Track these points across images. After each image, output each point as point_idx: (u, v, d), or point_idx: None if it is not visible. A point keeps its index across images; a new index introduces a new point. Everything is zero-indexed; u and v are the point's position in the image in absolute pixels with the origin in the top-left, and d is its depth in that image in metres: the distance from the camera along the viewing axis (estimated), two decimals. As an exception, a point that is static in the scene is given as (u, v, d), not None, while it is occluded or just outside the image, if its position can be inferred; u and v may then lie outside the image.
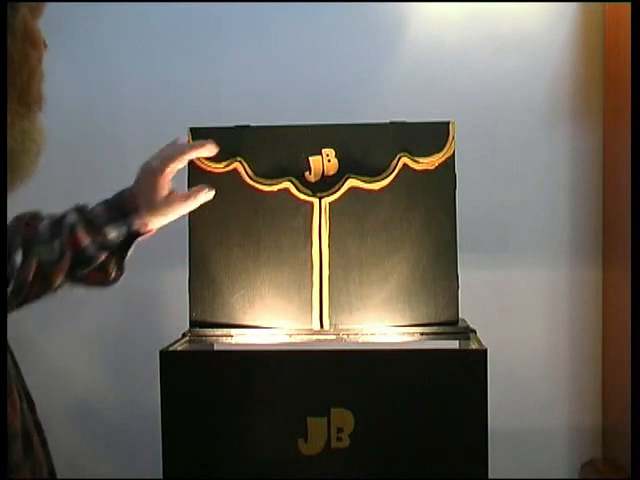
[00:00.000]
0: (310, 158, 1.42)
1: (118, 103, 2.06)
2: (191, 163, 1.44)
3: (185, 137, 1.39)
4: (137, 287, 2.05)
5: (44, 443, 0.94)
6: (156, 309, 2.08)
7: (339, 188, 1.41)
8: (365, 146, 1.43)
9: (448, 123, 1.43)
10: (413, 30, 2.03)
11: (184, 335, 1.42)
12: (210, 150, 1.34)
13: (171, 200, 1.24)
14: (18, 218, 1.15)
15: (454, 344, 1.41)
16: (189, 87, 2.05)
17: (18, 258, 1.06)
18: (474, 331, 1.41)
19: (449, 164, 1.42)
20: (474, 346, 1.32)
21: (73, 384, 2.11)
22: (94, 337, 2.12)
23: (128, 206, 1.20)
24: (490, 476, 1.27)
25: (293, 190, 1.42)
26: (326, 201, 1.40)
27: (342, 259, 1.40)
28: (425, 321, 1.41)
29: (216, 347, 1.45)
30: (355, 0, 2.01)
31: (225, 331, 1.43)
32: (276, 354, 1.31)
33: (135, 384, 2.06)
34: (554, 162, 2.04)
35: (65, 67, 1.95)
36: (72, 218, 1.16)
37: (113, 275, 1.24)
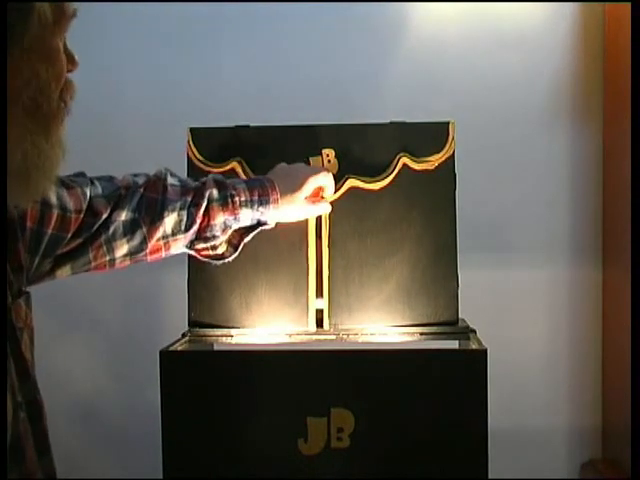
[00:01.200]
0: (310, 158, 1.42)
1: (118, 103, 2.06)
2: (190, 162, 1.44)
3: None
4: (137, 287, 2.05)
5: (43, 452, 0.93)
6: (156, 309, 2.08)
7: (339, 188, 1.41)
8: (365, 146, 1.43)
9: (448, 123, 1.43)
10: (413, 30, 2.03)
11: (184, 335, 1.42)
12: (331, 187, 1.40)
13: (303, 206, 1.34)
14: (137, 184, 1.20)
15: (454, 344, 1.41)
16: (189, 87, 2.05)
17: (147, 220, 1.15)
18: (474, 331, 1.41)
19: (449, 164, 1.42)
20: (474, 346, 1.32)
21: (73, 384, 2.11)
22: (94, 337, 2.12)
23: (269, 196, 1.27)
24: (490, 476, 1.27)
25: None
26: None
27: (342, 259, 1.40)
28: (425, 321, 1.41)
29: (216, 347, 1.45)
30: (356, 0, 2.01)
31: (225, 331, 1.43)
32: (276, 354, 1.31)
33: (135, 384, 2.06)
34: (554, 162, 2.04)
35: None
36: (211, 191, 1.23)
37: (226, 254, 1.29)
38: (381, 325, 1.40)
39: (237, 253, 1.30)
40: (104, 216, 1.13)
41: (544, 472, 2.05)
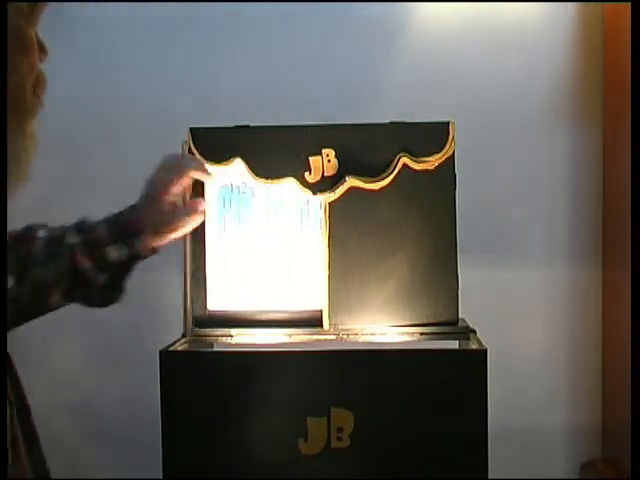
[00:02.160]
0: (310, 158, 1.42)
1: (118, 103, 2.06)
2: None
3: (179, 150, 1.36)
4: (137, 287, 2.05)
5: (33, 449, 0.93)
6: (156, 309, 2.08)
7: (339, 188, 1.41)
8: (365, 146, 1.43)
9: (448, 123, 1.43)
10: (413, 30, 2.03)
11: (184, 335, 1.42)
12: (209, 175, 1.29)
13: (175, 219, 1.19)
14: (10, 235, 1.09)
15: (454, 344, 1.41)
16: (189, 87, 2.05)
17: (10, 280, 1.02)
18: (474, 331, 1.41)
19: (449, 164, 1.41)
20: (474, 346, 1.32)
21: (73, 384, 2.11)
22: (94, 337, 2.12)
23: (131, 227, 1.14)
24: (490, 476, 1.27)
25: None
26: (325, 201, 1.40)
27: (342, 259, 1.40)
28: (425, 321, 1.40)
29: (216, 347, 1.45)
30: (355, 0, 2.01)
31: (225, 331, 1.43)
32: (276, 354, 1.31)
33: (135, 384, 2.06)
34: (554, 161, 2.04)
35: (65, 68, 1.95)
36: (72, 238, 1.11)
37: (114, 295, 1.18)
38: (381, 325, 1.40)
39: (123, 291, 1.18)
40: None
41: (544, 472, 2.06)
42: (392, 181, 1.41)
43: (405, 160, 1.40)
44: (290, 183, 1.42)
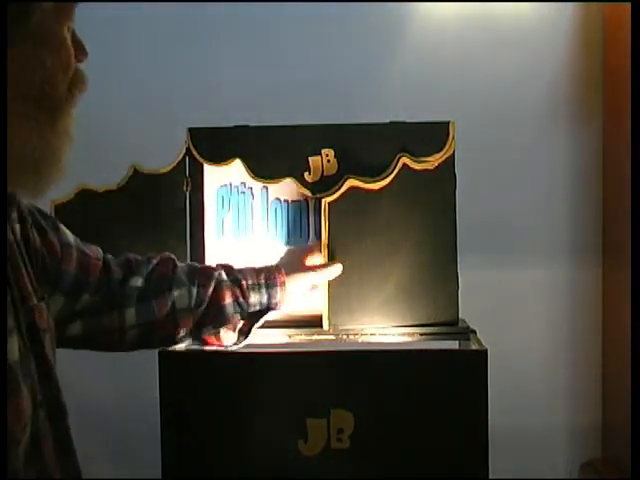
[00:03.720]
0: (310, 158, 1.42)
1: (117, 103, 2.06)
2: (191, 156, 1.44)
3: None
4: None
5: (63, 453, 0.93)
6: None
7: (338, 188, 1.41)
8: (365, 146, 1.43)
9: (448, 123, 1.43)
10: (412, 30, 2.02)
11: (184, 335, 1.42)
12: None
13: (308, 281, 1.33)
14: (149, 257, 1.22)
15: (454, 344, 1.40)
16: (189, 87, 2.04)
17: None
18: (474, 331, 1.41)
19: (449, 164, 1.41)
20: (474, 346, 1.32)
21: (73, 384, 2.11)
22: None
23: (276, 280, 1.27)
24: (490, 476, 1.27)
25: (293, 190, 1.42)
26: (325, 201, 1.39)
27: (341, 260, 1.40)
28: (425, 322, 1.40)
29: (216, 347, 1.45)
30: (355, 0, 2.01)
31: (225, 331, 1.43)
32: (276, 354, 1.31)
33: (135, 384, 2.06)
34: (554, 162, 2.04)
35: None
36: (220, 272, 1.24)
37: (237, 342, 1.28)
38: (381, 325, 1.40)
39: (247, 339, 1.29)
40: (118, 276, 1.14)
41: (544, 472, 2.05)
42: (392, 181, 1.41)
43: (405, 160, 1.40)
44: (290, 183, 1.42)
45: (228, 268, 1.27)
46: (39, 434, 0.86)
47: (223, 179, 1.46)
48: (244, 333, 1.28)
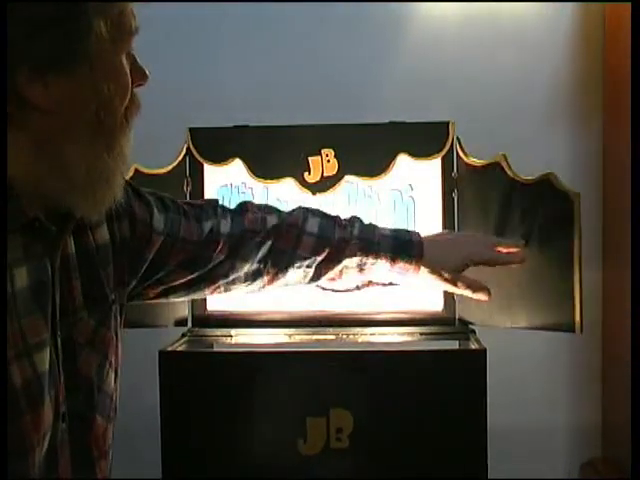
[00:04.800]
0: (309, 158, 1.42)
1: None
2: (191, 156, 1.44)
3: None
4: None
5: (80, 466, 0.93)
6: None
7: (338, 188, 1.41)
8: (365, 146, 1.43)
9: (448, 123, 1.43)
10: (413, 30, 2.02)
11: (184, 335, 1.42)
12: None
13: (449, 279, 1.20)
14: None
15: (454, 344, 1.41)
16: (189, 87, 2.04)
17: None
18: (474, 331, 1.41)
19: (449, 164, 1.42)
20: (474, 346, 1.32)
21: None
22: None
23: (410, 267, 1.17)
24: (490, 476, 1.27)
25: (293, 190, 1.42)
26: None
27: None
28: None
29: (216, 347, 1.45)
30: (355, 0, 2.01)
31: (225, 331, 1.43)
32: (276, 354, 1.31)
33: (135, 384, 2.06)
34: (554, 161, 2.03)
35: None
36: (352, 258, 1.16)
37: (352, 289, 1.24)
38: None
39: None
40: (221, 257, 1.13)
41: (544, 472, 2.05)
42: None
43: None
44: (290, 183, 1.42)
45: (365, 248, 1.16)
46: (57, 446, 0.87)
47: (223, 179, 1.46)
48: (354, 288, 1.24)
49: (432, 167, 1.43)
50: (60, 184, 0.82)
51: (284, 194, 1.44)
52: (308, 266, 1.16)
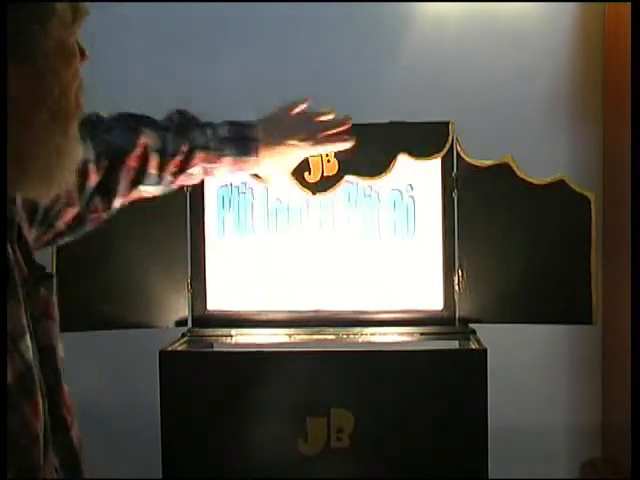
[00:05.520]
0: (310, 158, 1.42)
1: (118, 102, 2.06)
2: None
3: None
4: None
5: (64, 435, 0.94)
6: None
7: (338, 188, 1.41)
8: (365, 146, 1.43)
9: (448, 123, 1.43)
10: (413, 30, 2.02)
11: (184, 335, 1.42)
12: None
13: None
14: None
15: (454, 344, 1.41)
16: (190, 87, 2.04)
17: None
18: (474, 331, 1.41)
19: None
20: (474, 346, 1.32)
21: (73, 384, 2.11)
22: (94, 336, 2.12)
23: (250, 161, 1.24)
24: (490, 476, 1.27)
25: (293, 190, 1.43)
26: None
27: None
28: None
29: (216, 347, 1.45)
30: (356, 0, 2.01)
31: (225, 331, 1.43)
32: (276, 354, 1.31)
33: (135, 384, 2.06)
34: (554, 161, 2.04)
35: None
36: (195, 168, 1.22)
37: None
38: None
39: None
40: (92, 186, 1.12)
41: (544, 472, 2.05)
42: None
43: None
44: (290, 183, 1.42)
45: (207, 155, 1.23)
46: (46, 425, 0.87)
47: (224, 179, 1.46)
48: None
49: (432, 167, 1.43)
50: (16, 171, 0.81)
51: (284, 194, 1.44)
52: (158, 182, 1.19)
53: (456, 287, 1.40)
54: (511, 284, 1.40)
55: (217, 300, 1.44)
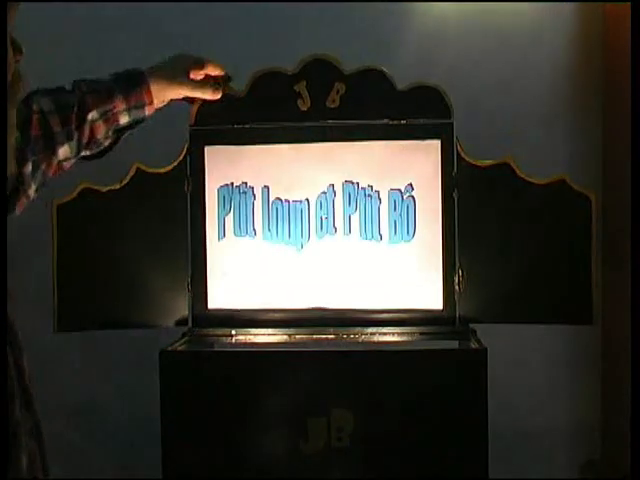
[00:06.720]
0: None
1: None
2: (192, 155, 1.44)
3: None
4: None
5: (29, 409, 0.94)
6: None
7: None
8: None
9: (447, 123, 1.43)
10: (413, 29, 2.02)
11: (184, 335, 1.42)
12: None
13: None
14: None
15: (454, 344, 1.41)
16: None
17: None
18: (474, 331, 1.41)
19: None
20: (474, 346, 1.33)
21: (73, 384, 2.11)
22: (94, 336, 2.12)
23: (145, 99, 1.34)
24: (490, 476, 1.27)
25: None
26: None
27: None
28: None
29: (216, 347, 1.45)
30: (356, 0, 2.01)
31: (225, 331, 1.43)
32: (276, 354, 1.31)
33: (135, 384, 2.06)
34: (554, 161, 2.04)
35: (65, 66, 1.95)
36: (92, 113, 1.28)
37: (107, 148, 1.35)
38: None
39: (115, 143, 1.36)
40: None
41: (544, 472, 2.05)
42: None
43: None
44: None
45: (98, 101, 1.29)
46: (15, 426, 0.89)
47: (224, 179, 1.46)
48: (114, 140, 1.35)
49: (432, 167, 1.43)
50: None
51: (284, 193, 1.44)
52: (68, 139, 1.24)
53: (456, 287, 1.40)
54: (511, 284, 1.40)
55: (217, 300, 1.44)
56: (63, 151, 1.24)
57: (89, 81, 1.31)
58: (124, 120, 1.32)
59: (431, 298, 1.42)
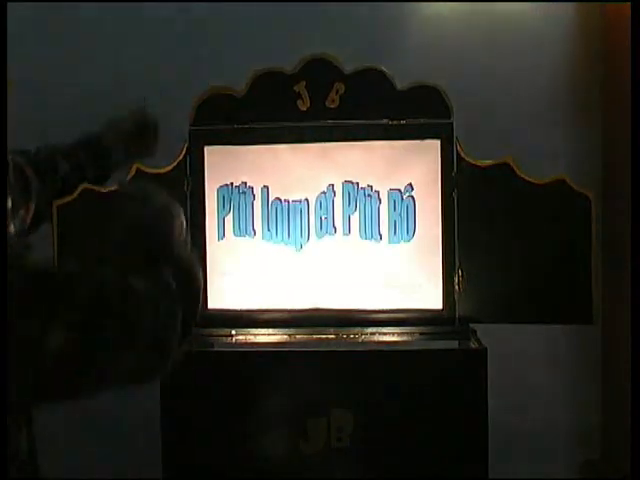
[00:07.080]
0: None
1: (119, 102, 2.06)
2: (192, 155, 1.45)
3: None
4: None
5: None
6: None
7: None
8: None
9: (447, 123, 1.43)
10: (413, 29, 2.02)
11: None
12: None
13: None
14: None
15: (454, 344, 1.41)
16: (190, 87, 2.04)
17: None
18: (474, 331, 1.41)
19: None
20: (474, 346, 1.33)
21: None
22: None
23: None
24: (490, 476, 1.27)
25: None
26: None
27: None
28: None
29: (216, 346, 1.45)
30: (356, 0, 2.01)
31: (225, 331, 1.43)
32: (276, 354, 1.31)
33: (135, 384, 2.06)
34: (554, 161, 2.04)
35: (65, 65, 1.95)
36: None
37: None
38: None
39: None
40: None
41: (544, 472, 2.05)
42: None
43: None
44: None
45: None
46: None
47: (223, 179, 1.46)
48: None
49: (432, 167, 1.43)
50: None
51: (284, 193, 1.44)
52: None
53: (456, 287, 1.40)
54: (511, 284, 1.40)
55: (217, 300, 1.44)
56: None
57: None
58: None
59: (431, 298, 1.42)
